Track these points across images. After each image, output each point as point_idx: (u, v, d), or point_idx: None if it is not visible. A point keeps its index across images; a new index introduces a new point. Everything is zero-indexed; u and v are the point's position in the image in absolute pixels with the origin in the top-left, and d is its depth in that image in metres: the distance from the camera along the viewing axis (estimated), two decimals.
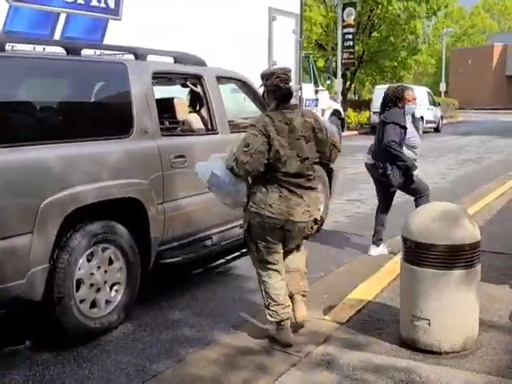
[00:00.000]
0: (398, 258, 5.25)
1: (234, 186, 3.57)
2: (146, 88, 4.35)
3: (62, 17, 7.13)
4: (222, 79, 5.27)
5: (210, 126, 4.99)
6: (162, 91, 5.01)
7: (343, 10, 22.34)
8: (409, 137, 5.48)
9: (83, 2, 7.39)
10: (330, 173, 6.82)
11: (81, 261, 3.69)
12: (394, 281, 4.66)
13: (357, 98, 34.47)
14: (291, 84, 3.66)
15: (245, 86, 5.62)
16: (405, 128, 5.39)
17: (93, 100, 4.14)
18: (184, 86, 5.57)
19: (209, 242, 4.92)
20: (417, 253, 3.46)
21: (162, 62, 4.84)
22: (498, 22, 69.17)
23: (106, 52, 4.83)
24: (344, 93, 24.43)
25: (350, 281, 4.85)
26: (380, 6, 24.42)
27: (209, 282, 4.97)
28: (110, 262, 3.94)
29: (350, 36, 22.55)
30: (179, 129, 4.92)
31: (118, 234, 3.94)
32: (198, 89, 5.08)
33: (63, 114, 3.88)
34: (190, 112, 5.22)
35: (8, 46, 3.59)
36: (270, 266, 3.65)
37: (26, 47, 4.18)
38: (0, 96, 3.50)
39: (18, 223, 3.32)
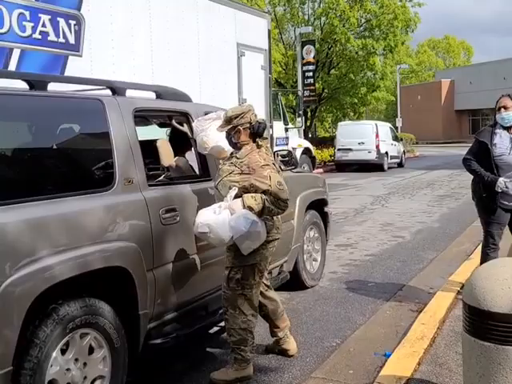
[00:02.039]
0: (424, 316, 4.57)
1: (256, 227, 3.53)
2: (128, 129, 3.56)
3: (16, 52, 6.30)
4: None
5: (201, 171, 4.23)
6: (140, 132, 4.23)
7: (302, 47, 22.20)
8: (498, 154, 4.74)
9: (40, 37, 6.58)
10: (325, 217, 6.15)
11: (53, 355, 2.81)
12: (431, 348, 3.94)
13: (314, 135, 34.31)
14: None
15: None
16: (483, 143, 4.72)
17: (64, 146, 3.30)
18: (164, 125, 4.84)
19: (204, 312, 4.10)
20: (491, 326, 2.73)
21: (143, 97, 4.08)
22: (444, 59, 71.61)
23: (75, 87, 4.02)
24: (306, 131, 24.13)
25: (373, 348, 4.10)
26: (338, 44, 24.45)
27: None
28: (91, 350, 3.06)
29: (311, 73, 22.37)
30: (166, 176, 4.13)
31: (100, 314, 3.08)
32: (185, 128, 4.33)
33: (26, 165, 3.02)
34: (177, 155, 4.44)
35: None
36: (255, 304, 3.75)
37: None
38: None
39: None
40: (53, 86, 3.38)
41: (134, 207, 3.41)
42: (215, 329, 4.32)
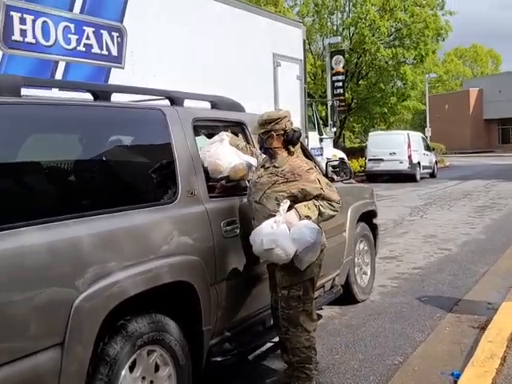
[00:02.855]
0: (490, 333, 4.37)
1: (320, 237, 3.46)
2: (189, 139, 3.47)
3: (62, 65, 6.32)
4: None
5: None
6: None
7: (331, 57, 22.10)
8: None
9: (84, 50, 6.58)
10: (374, 230, 6.00)
11: (123, 373, 2.71)
12: (503, 368, 3.74)
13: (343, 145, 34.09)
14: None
15: None
16: None
17: (128, 158, 3.23)
18: (213, 136, 4.75)
19: (261, 327, 3.98)
20: None
21: (200, 107, 4.00)
22: (471, 67, 70.78)
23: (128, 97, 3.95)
24: (335, 141, 23.97)
25: (438, 367, 3.93)
26: (368, 54, 24.29)
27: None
28: (156, 368, 2.96)
29: (340, 83, 22.23)
30: (224, 187, 4.03)
31: (167, 331, 2.98)
32: (241, 138, 4.24)
33: (93, 176, 2.96)
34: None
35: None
36: (315, 318, 3.64)
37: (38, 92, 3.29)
38: (12, 155, 2.61)
39: (41, 333, 2.34)
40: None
41: (196, 220, 3.31)
42: (269, 345, 4.18)
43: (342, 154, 15.43)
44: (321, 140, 13.61)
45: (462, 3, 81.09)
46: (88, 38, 6.63)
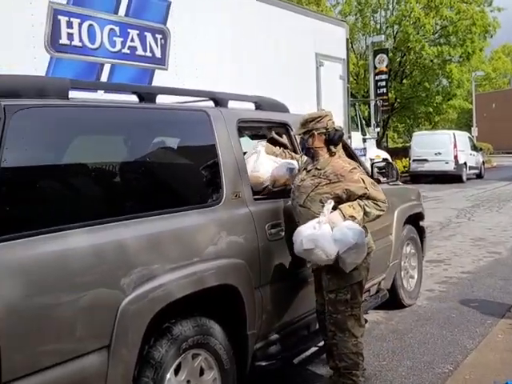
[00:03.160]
0: None
1: (363, 238, 3.36)
2: (234, 141, 3.44)
3: (107, 67, 6.39)
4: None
5: None
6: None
7: (374, 56, 21.76)
8: None
9: (129, 52, 6.65)
10: (421, 233, 5.83)
11: (168, 376, 2.69)
12: None
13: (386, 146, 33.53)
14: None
15: None
16: None
17: (173, 160, 3.22)
18: (256, 137, 4.70)
19: (306, 332, 3.91)
20: None
21: (245, 108, 3.96)
22: None
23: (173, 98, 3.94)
24: (378, 141, 23.64)
25: (491, 376, 3.78)
26: (412, 52, 23.82)
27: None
28: (201, 372, 2.93)
29: (383, 83, 21.85)
30: (269, 189, 3.97)
31: (211, 334, 2.95)
32: (285, 139, 4.18)
33: (138, 179, 2.94)
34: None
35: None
36: (364, 324, 3.59)
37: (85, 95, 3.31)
38: (60, 158, 2.63)
39: (88, 335, 2.34)
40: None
41: (241, 222, 3.27)
42: (313, 349, 4.10)
43: (385, 155, 15.15)
44: (364, 140, 13.40)
45: None
46: (132, 40, 6.68)
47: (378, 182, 4.79)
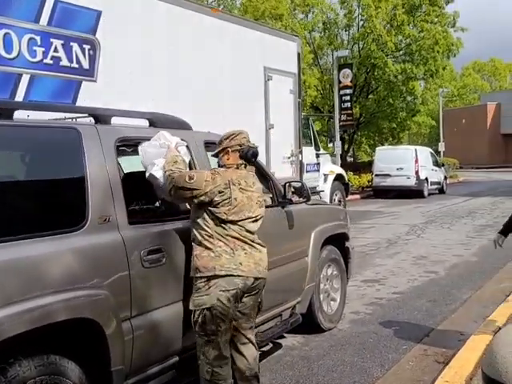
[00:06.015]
0: (448, 372, 3.99)
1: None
2: (109, 160, 3.21)
3: (25, 78, 6.12)
4: (212, 146, 4.10)
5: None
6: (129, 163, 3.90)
7: (339, 71, 21.76)
8: None
9: (51, 62, 6.37)
10: (346, 253, 5.66)
11: None
12: None
13: (352, 160, 33.56)
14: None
15: None
16: None
17: (28, 180, 2.97)
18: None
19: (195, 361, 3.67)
20: None
21: (131, 125, 3.73)
22: (489, 81, 69.82)
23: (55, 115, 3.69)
24: (343, 156, 23.60)
25: None
26: (376, 68, 23.88)
27: None
28: None
29: (348, 97, 21.81)
30: (155, 212, 3.75)
31: (62, 374, 2.70)
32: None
33: None
34: None
35: None
36: (225, 353, 3.35)
37: None
38: None
39: None
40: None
41: (107, 249, 3.03)
42: None
43: (340, 170, 15.03)
44: (317, 156, 13.25)
45: (481, 16, 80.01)
46: (56, 50, 6.40)
47: (291, 201, 4.63)
